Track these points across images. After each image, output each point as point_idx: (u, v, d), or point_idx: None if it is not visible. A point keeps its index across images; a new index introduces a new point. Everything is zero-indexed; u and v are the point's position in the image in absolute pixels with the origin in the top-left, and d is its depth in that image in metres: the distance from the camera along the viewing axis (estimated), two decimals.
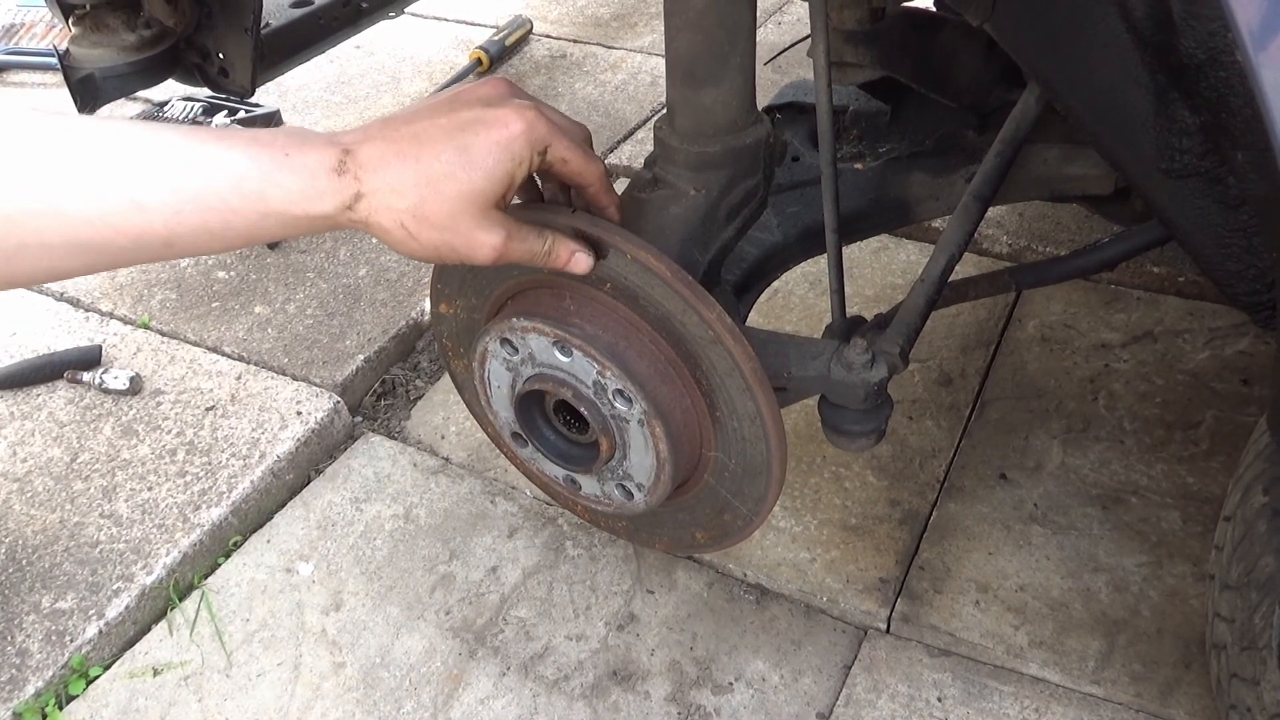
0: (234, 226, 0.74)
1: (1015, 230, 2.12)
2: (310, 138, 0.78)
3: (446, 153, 0.79)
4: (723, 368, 1.07)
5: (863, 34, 1.41)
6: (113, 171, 0.70)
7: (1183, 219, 0.98)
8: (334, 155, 0.77)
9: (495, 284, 1.18)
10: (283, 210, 0.75)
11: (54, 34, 3.20)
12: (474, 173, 0.80)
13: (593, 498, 1.22)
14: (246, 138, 0.75)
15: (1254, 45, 0.74)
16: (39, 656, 1.51)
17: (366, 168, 0.77)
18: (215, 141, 0.74)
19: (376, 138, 0.80)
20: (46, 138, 0.69)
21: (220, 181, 0.72)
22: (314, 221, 0.77)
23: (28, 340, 2.08)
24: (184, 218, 0.72)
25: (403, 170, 0.78)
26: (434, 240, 0.81)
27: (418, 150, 0.79)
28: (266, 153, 0.74)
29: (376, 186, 0.77)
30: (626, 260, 1.01)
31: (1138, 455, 1.68)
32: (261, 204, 0.74)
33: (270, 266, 2.24)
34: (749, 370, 1.05)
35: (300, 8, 1.92)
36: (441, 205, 0.79)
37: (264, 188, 0.73)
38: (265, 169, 0.74)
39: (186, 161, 0.72)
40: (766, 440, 1.11)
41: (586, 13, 3.25)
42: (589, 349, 1.05)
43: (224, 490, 1.73)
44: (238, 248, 0.78)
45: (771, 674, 1.46)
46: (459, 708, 1.46)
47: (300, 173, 0.75)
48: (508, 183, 0.83)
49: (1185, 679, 1.38)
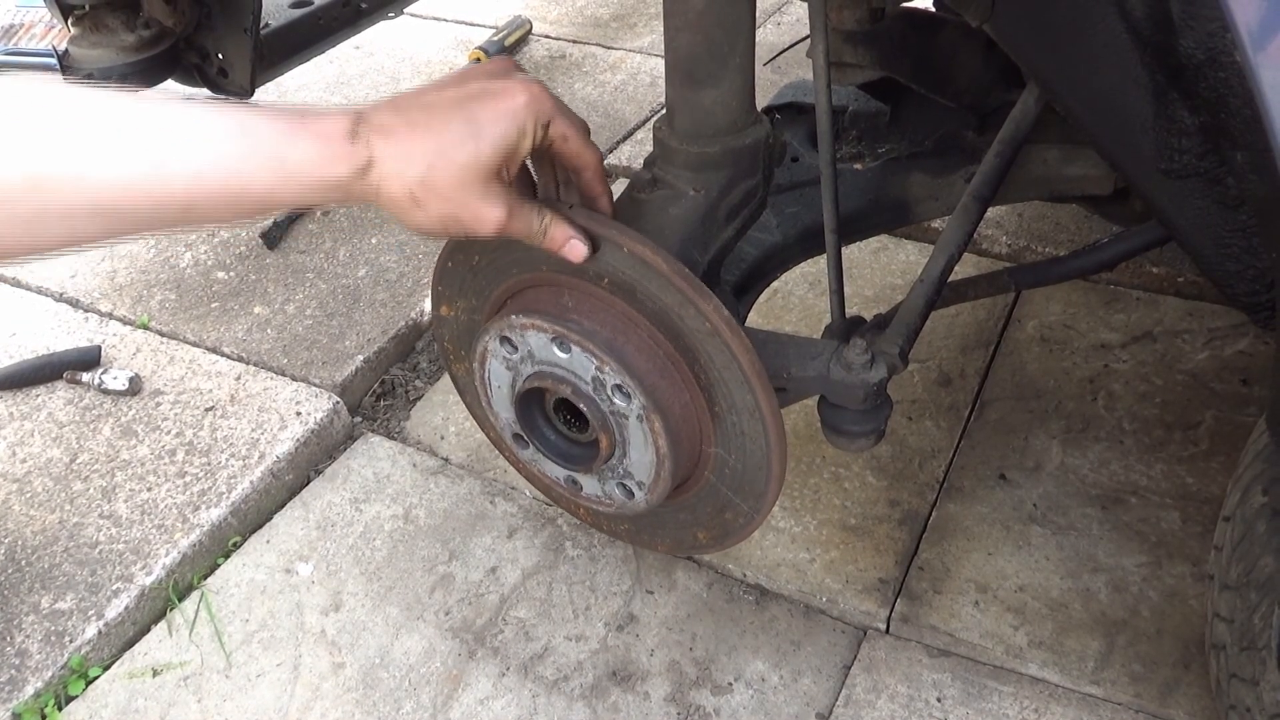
0: (251, 191, 0.75)
1: (1015, 230, 2.12)
2: (325, 108, 0.80)
3: (455, 122, 0.81)
4: (721, 361, 1.07)
5: (862, 34, 1.42)
6: (134, 136, 0.71)
7: (1182, 219, 0.98)
8: (348, 122, 0.78)
9: (495, 284, 1.19)
10: (299, 174, 0.76)
11: (53, 34, 3.20)
12: (481, 142, 0.82)
13: (594, 498, 1.22)
14: (263, 107, 0.77)
15: (1253, 45, 0.74)
16: (38, 657, 1.51)
17: (378, 135, 0.79)
18: (234, 109, 0.75)
19: (388, 109, 0.81)
20: (67, 104, 0.70)
21: (241, 145, 0.74)
22: (328, 188, 0.78)
23: (27, 341, 2.08)
24: (204, 181, 0.73)
25: (412, 139, 0.80)
26: (441, 211, 0.83)
27: (428, 119, 0.81)
28: (284, 119, 0.76)
29: (387, 154, 0.79)
30: (624, 255, 1.01)
31: (1137, 455, 1.68)
32: (280, 168, 0.75)
33: (270, 267, 2.24)
34: (747, 363, 1.05)
35: (299, 8, 1.91)
36: (449, 174, 0.81)
37: (283, 151, 0.75)
38: (284, 133, 0.75)
39: (207, 126, 0.73)
40: (766, 435, 1.11)
41: (586, 13, 3.26)
42: (587, 344, 1.06)
43: (223, 491, 1.73)
44: (251, 215, 0.79)
45: (771, 674, 1.46)
46: (458, 708, 1.46)
47: (317, 138, 0.76)
48: (512, 152, 0.85)
49: (1185, 679, 1.38)
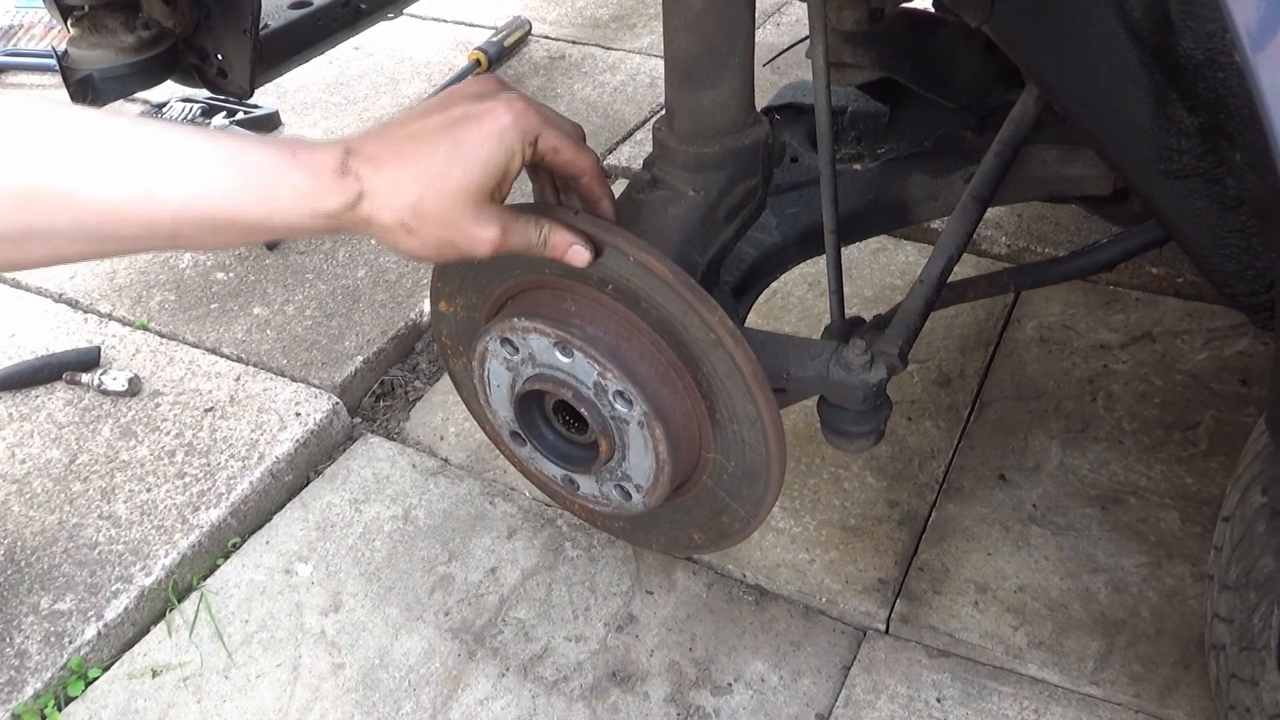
0: (239, 222, 0.75)
1: (1014, 231, 2.12)
2: (314, 141, 0.80)
3: (442, 148, 0.81)
4: (724, 371, 1.07)
5: (861, 35, 1.42)
6: (125, 160, 0.71)
7: (1181, 220, 0.98)
8: (337, 156, 0.79)
9: (496, 283, 1.19)
10: (289, 206, 0.76)
11: (52, 35, 3.20)
12: (469, 166, 0.82)
13: (591, 498, 1.22)
14: (255, 138, 0.77)
15: (1252, 46, 0.74)
16: (38, 658, 1.51)
17: (368, 167, 0.79)
18: (227, 138, 0.76)
19: (375, 139, 0.82)
20: (59, 124, 0.70)
21: (232, 175, 0.74)
22: (317, 220, 0.78)
23: (26, 341, 2.07)
24: (193, 209, 0.73)
25: (401, 168, 0.80)
26: (434, 236, 0.83)
27: (415, 148, 0.81)
28: (275, 150, 0.76)
29: (378, 185, 0.79)
30: (629, 263, 1.01)
31: (1136, 456, 1.68)
32: (270, 200, 0.75)
33: (269, 268, 2.24)
34: (750, 374, 1.05)
35: (299, 9, 1.91)
36: (440, 200, 0.81)
37: (274, 182, 0.75)
38: (275, 165, 0.76)
39: (199, 154, 0.73)
40: (766, 444, 1.11)
41: (585, 14, 3.26)
42: (590, 350, 1.05)
43: (223, 491, 1.73)
44: (237, 245, 0.79)
45: (771, 675, 1.46)
46: (458, 709, 1.46)
47: (306, 170, 0.77)
48: (501, 174, 0.85)
49: (1184, 680, 1.38)
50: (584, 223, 0.99)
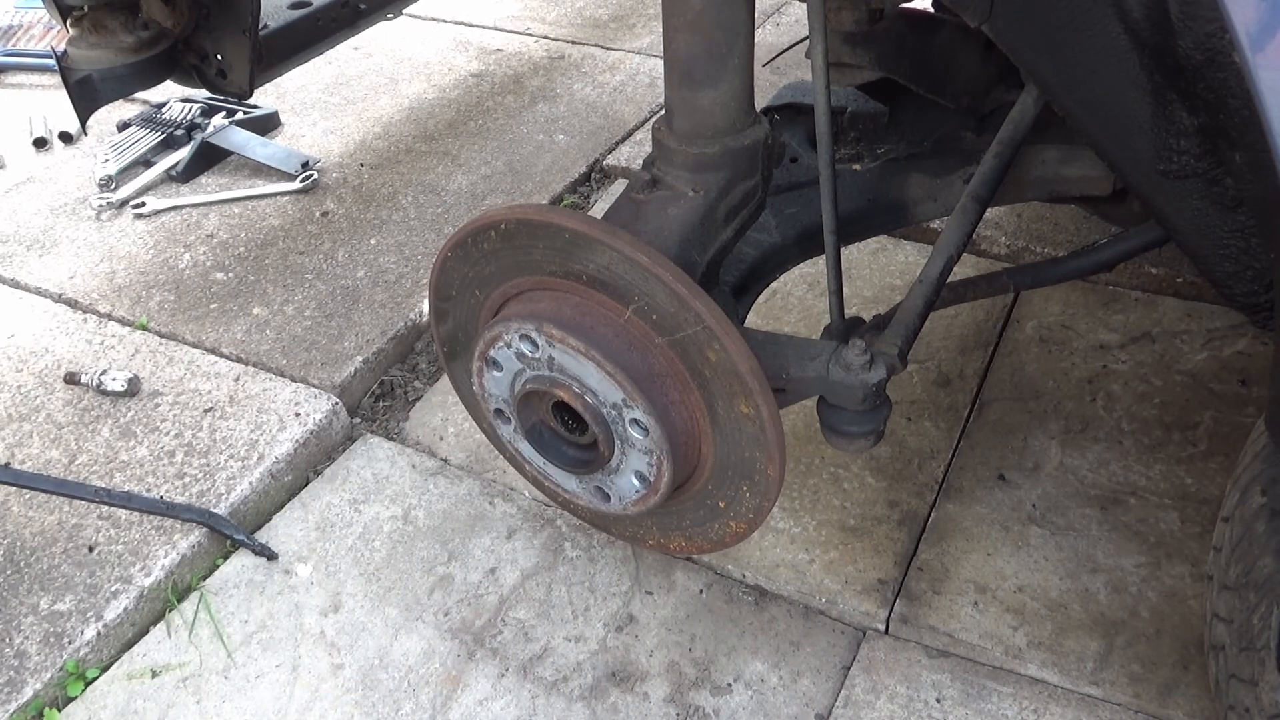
0: None
1: (1014, 231, 2.12)
2: None
3: None
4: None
5: (861, 35, 1.42)
6: None
7: (1180, 220, 0.98)
8: None
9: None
10: None
11: (52, 35, 3.20)
12: None
13: (580, 495, 1.23)
14: None
15: (1251, 47, 0.74)
16: (37, 658, 1.51)
17: None
18: None
19: None
20: None
21: None
22: None
23: (26, 342, 2.08)
24: None
25: None
26: None
27: None
28: None
29: None
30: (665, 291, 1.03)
31: (1136, 456, 1.68)
32: None
33: (269, 268, 2.24)
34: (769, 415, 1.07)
35: (298, 9, 1.92)
36: None
37: None
38: None
39: None
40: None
41: (584, 14, 3.26)
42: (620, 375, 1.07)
43: (222, 492, 1.73)
44: None
45: (770, 675, 1.46)
46: (458, 709, 1.46)
47: None
48: None
49: (1184, 680, 1.38)
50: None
